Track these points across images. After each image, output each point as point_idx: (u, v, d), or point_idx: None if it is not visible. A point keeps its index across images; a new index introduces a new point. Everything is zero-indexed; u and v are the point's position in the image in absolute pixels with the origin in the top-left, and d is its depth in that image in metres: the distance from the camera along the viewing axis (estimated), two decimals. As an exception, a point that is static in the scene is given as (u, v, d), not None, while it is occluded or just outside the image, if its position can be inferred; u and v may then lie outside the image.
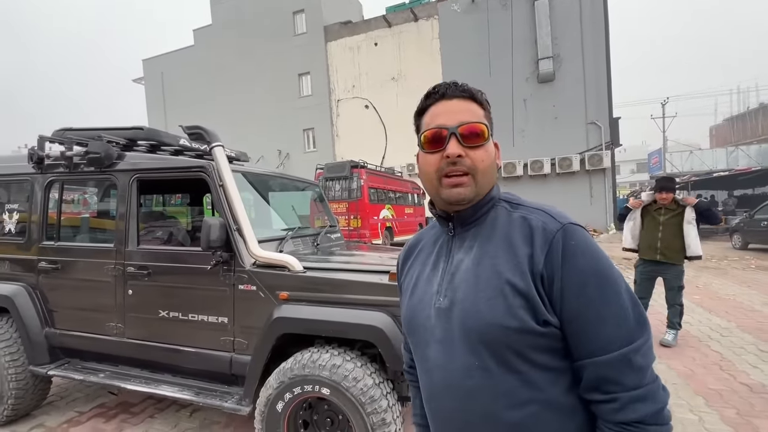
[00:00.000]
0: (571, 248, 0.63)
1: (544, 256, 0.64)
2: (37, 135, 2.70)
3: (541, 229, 0.66)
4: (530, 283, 0.63)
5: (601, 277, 0.63)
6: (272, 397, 1.93)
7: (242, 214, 2.19)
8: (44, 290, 2.67)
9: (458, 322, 0.67)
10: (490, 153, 0.73)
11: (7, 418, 2.61)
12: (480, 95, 0.75)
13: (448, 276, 0.72)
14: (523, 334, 0.63)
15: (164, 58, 23.50)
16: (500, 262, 0.67)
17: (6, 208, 2.86)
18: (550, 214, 0.69)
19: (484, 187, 0.72)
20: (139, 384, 2.36)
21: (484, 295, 0.66)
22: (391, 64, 18.19)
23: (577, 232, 0.65)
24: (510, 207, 0.74)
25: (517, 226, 0.69)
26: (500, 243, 0.69)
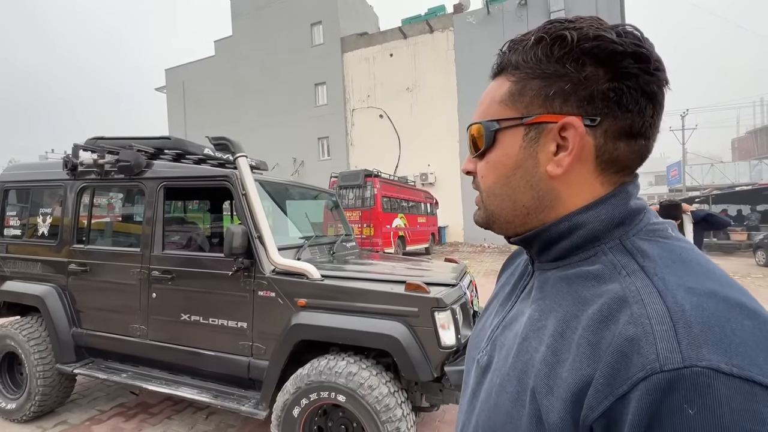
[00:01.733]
0: (679, 421, 0.29)
1: (608, 402, 0.33)
2: (56, 143, 2.87)
3: (630, 345, 0.33)
4: (568, 425, 0.36)
5: None
6: (289, 403, 1.97)
7: (263, 222, 2.26)
8: (73, 291, 2.79)
9: (482, 397, 0.48)
10: (494, 164, 0.47)
11: (33, 414, 2.71)
12: (514, 53, 0.46)
13: (501, 326, 0.51)
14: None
15: (186, 67, 24.29)
16: (545, 358, 0.40)
17: (40, 212, 3.01)
18: (675, 321, 0.33)
19: (498, 213, 0.49)
20: (159, 385, 2.43)
21: (509, 391, 0.43)
22: (405, 75, 18.38)
23: (723, 396, 0.29)
24: (624, 265, 0.40)
25: (600, 312, 0.37)
26: (563, 326, 0.40)
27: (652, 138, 0.43)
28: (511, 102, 0.46)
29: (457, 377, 1.86)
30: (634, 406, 0.31)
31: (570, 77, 0.42)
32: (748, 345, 0.30)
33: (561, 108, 0.43)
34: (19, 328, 2.75)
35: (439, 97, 17.54)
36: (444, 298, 1.95)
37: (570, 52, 0.41)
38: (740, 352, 0.30)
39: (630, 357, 0.32)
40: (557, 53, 0.42)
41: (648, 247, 0.41)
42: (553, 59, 0.42)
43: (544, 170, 0.44)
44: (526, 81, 0.45)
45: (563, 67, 0.42)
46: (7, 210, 3.17)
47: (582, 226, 0.44)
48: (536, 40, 0.44)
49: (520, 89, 0.45)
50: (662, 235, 0.42)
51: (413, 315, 1.93)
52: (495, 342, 0.51)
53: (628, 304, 0.36)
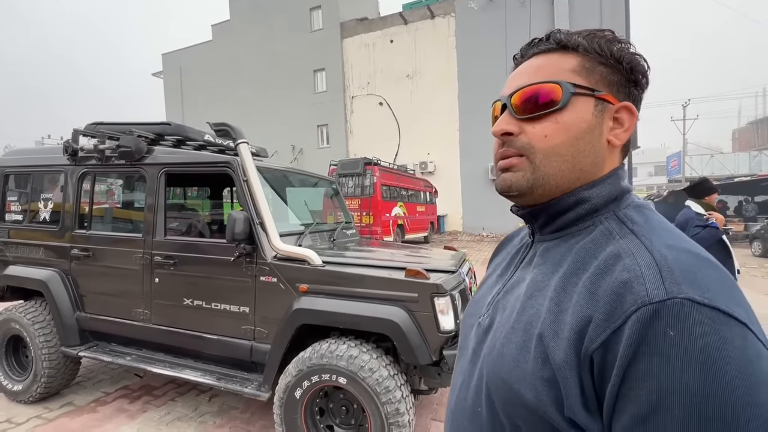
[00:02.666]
0: (663, 342, 0.36)
1: (606, 334, 0.39)
2: (52, 127, 2.86)
3: (624, 287, 0.40)
4: (572, 360, 0.41)
5: (704, 416, 0.34)
6: (291, 385, 2.02)
7: (265, 208, 2.28)
8: (76, 276, 2.82)
9: (484, 352, 0.53)
10: (568, 125, 0.50)
11: (39, 395, 2.77)
12: (585, 38, 0.51)
13: (503, 292, 0.57)
14: (534, 415, 0.44)
15: (183, 52, 23.91)
16: (549, 308, 0.46)
17: (41, 197, 3.02)
18: (660, 266, 0.40)
19: (551, 175, 0.51)
20: (163, 368, 2.48)
21: (515, 341, 0.48)
22: (406, 62, 18.16)
23: (695, 318, 0.36)
24: (617, 231, 0.48)
25: (599, 267, 0.44)
26: (566, 282, 0.47)
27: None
28: (584, 74, 0.51)
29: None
30: (626, 335, 0.38)
31: (622, 73, 0.51)
32: (713, 286, 0.39)
33: (618, 95, 0.52)
34: (23, 312, 2.78)
35: (440, 84, 17.37)
36: (443, 284, 1.98)
37: (622, 56, 0.51)
38: (709, 289, 0.38)
39: (624, 296, 0.40)
40: (616, 52, 0.51)
41: (636, 216, 0.49)
42: (612, 55, 0.51)
43: (605, 140, 0.52)
44: (595, 64, 0.51)
45: (619, 63, 0.51)
46: (7, 195, 3.18)
47: (587, 201, 0.51)
48: (590, 35, 0.52)
49: (591, 67, 0.51)
50: (647, 208, 0.51)
51: (413, 300, 1.97)
52: (497, 306, 0.56)
53: (622, 257, 0.43)
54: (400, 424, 1.86)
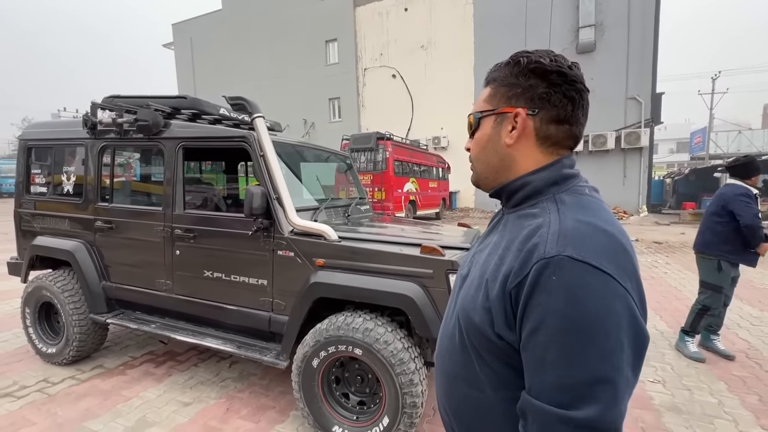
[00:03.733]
0: (548, 284, 0.55)
1: (519, 278, 0.58)
2: (66, 99, 2.88)
3: (533, 248, 0.59)
4: (500, 295, 0.61)
5: (566, 326, 0.53)
6: (308, 354, 2.10)
7: (282, 183, 2.29)
8: (100, 247, 2.92)
9: (462, 291, 0.73)
10: (477, 141, 0.74)
11: (72, 358, 2.94)
12: (495, 72, 0.73)
13: (478, 250, 0.76)
14: (479, 333, 0.64)
15: (193, 22, 23.47)
16: (495, 262, 0.65)
17: (64, 170, 3.09)
18: (560, 235, 0.58)
19: (480, 172, 0.75)
20: (186, 335, 2.59)
21: (474, 284, 0.68)
22: (421, 31, 17.51)
23: (569, 269, 0.54)
24: (550, 209, 0.64)
25: (528, 234, 0.62)
26: (508, 243, 0.65)
27: (575, 125, 0.69)
28: (489, 101, 0.73)
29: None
30: (528, 279, 0.57)
31: (521, 85, 0.68)
32: (594, 248, 0.56)
33: (515, 103, 0.69)
34: (53, 281, 2.92)
35: (455, 55, 16.78)
36: (458, 261, 1.99)
37: (522, 70, 0.68)
38: (588, 250, 0.56)
39: (532, 253, 0.59)
40: (515, 71, 0.69)
41: (567, 198, 0.66)
42: (512, 75, 0.69)
43: (503, 142, 0.71)
44: (498, 88, 0.72)
45: (517, 79, 0.69)
46: (31, 168, 3.26)
47: (529, 184, 0.69)
48: (505, 64, 0.71)
49: (494, 93, 0.72)
50: (580, 192, 0.67)
51: (428, 276, 1.99)
52: (473, 260, 0.77)
53: (541, 227, 0.61)
54: (414, 394, 1.93)
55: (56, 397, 2.61)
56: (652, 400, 2.57)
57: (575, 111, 0.67)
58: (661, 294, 4.96)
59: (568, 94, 0.66)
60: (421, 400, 1.97)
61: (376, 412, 2.07)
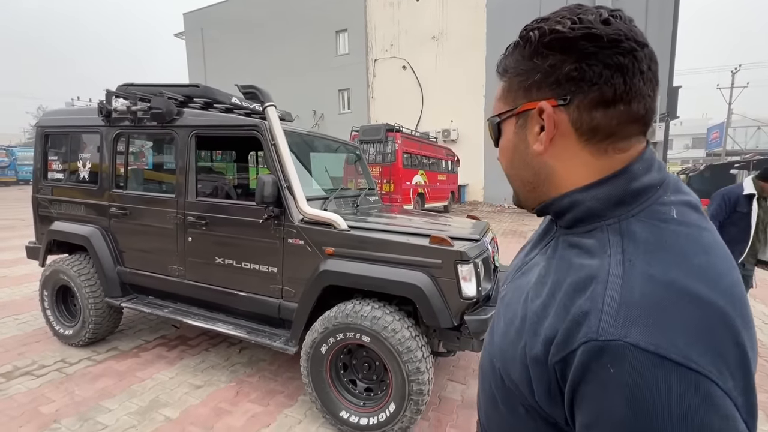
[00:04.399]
0: (604, 374, 0.39)
1: (562, 354, 0.43)
2: (78, 89, 2.92)
3: (581, 317, 0.42)
4: (541, 360, 0.46)
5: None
6: (317, 341, 2.13)
7: (293, 172, 2.31)
8: (115, 233, 2.99)
9: (503, 320, 0.58)
10: (503, 150, 0.57)
11: (88, 340, 3.04)
12: (505, 60, 0.55)
13: (522, 270, 0.60)
14: (516, 390, 0.51)
15: (204, 12, 23.47)
16: (538, 308, 0.49)
17: (80, 157, 3.15)
18: (621, 304, 0.40)
19: (520, 189, 0.58)
20: (198, 320, 2.65)
21: (517, 324, 0.52)
22: (432, 22, 17.27)
23: (633, 364, 0.37)
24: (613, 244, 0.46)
25: (577, 283, 0.45)
26: (555, 287, 0.48)
27: (636, 101, 0.47)
28: (504, 98, 0.55)
29: (477, 326, 1.96)
30: (577, 360, 0.41)
31: (538, 69, 0.49)
32: (675, 329, 0.38)
33: (537, 95, 0.50)
34: (70, 265, 3.00)
35: (467, 47, 16.53)
36: (467, 252, 2.00)
37: (535, 49, 0.49)
38: (663, 334, 0.37)
39: (581, 325, 0.42)
40: (527, 52, 0.51)
41: (640, 229, 0.45)
42: (526, 57, 0.51)
43: (532, 149, 0.52)
44: (511, 79, 0.53)
45: (532, 62, 0.50)
46: (48, 154, 3.33)
47: (580, 204, 0.50)
48: (513, 46, 0.53)
49: (509, 86, 0.54)
50: (661, 218, 0.46)
51: (436, 267, 2.00)
52: (514, 281, 0.61)
53: (596, 282, 0.43)
54: (420, 382, 1.96)
55: (73, 376, 2.70)
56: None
57: (630, 81, 0.45)
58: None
59: (611, 62, 0.45)
60: (428, 388, 2.00)
61: (383, 398, 2.10)
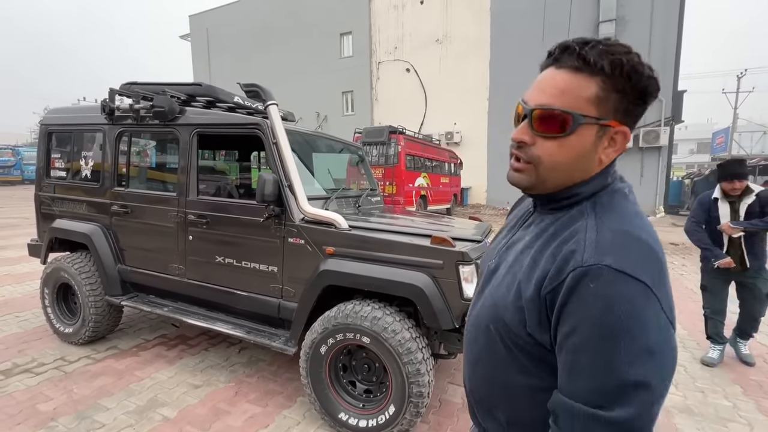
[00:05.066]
0: (584, 291, 0.55)
1: (554, 283, 0.58)
2: (85, 90, 2.93)
3: (570, 255, 0.59)
4: (535, 298, 0.61)
5: (602, 332, 0.53)
6: (317, 341, 2.11)
7: (294, 171, 2.30)
8: (116, 231, 2.98)
9: (491, 287, 0.73)
10: (569, 148, 0.62)
11: (88, 338, 3.03)
12: (611, 62, 0.58)
13: (507, 245, 0.75)
14: (510, 331, 0.65)
15: (210, 14, 23.63)
16: (530, 263, 0.65)
17: (82, 155, 3.15)
18: (597, 243, 0.58)
19: (549, 181, 0.66)
20: (197, 319, 2.63)
21: (507, 282, 0.68)
22: (436, 25, 17.29)
23: (606, 279, 0.54)
24: (588, 212, 0.64)
25: (565, 237, 0.62)
26: (544, 245, 0.65)
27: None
28: (596, 104, 0.61)
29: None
30: (565, 286, 0.57)
31: (630, 100, 0.61)
32: (630, 258, 0.56)
33: (622, 119, 0.62)
34: (71, 262, 3.00)
35: (471, 50, 16.53)
36: (469, 253, 1.97)
37: (638, 82, 0.60)
38: (624, 260, 0.55)
39: (569, 260, 0.58)
40: (633, 80, 0.59)
41: (606, 200, 0.65)
42: (627, 79, 0.59)
43: (597, 158, 0.64)
44: (610, 92, 0.60)
45: (630, 91, 0.60)
46: (51, 152, 3.34)
47: (580, 194, 0.66)
48: (634, 64, 0.59)
49: (605, 96, 0.60)
50: (619, 195, 0.66)
51: (438, 267, 1.98)
52: (501, 255, 0.75)
53: (578, 232, 0.61)
54: (420, 384, 1.93)
55: (72, 374, 2.69)
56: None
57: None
58: (676, 296, 4.77)
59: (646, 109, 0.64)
60: (428, 390, 1.97)
61: (383, 400, 2.08)
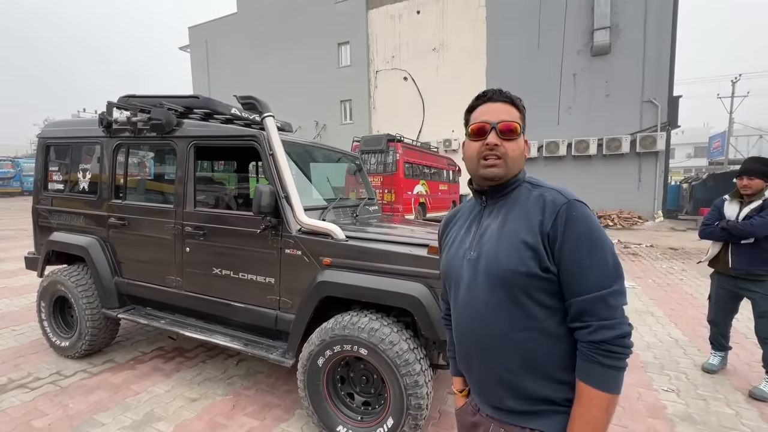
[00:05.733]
0: (572, 217, 0.85)
1: (551, 221, 0.86)
2: (85, 101, 2.96)
3: (552, 201, 0.88)
4: (539, 240, 0.86)
5: (592, 239, 0.85)
6: (314, 353, 2.10)
7: (290, 182, 2.30)
8: (113, 243, 2.98)
9: (483, 269, 0.92)
10: (520, 145, 0.96)
11: (84, 351, 3.00)
12: (518, 101, 0.98)
13: (477, 236, 0.97)
14: (530, 277, 0.86)
15: (209, 25, 23.88)
16: (518, 226, 0.90)
17: (80, 168, 3.16)
18: (560, 192, 0.90)
19: (512, 169, 0.95)
20: (195, 332, 2.62)
21: (504, 248, 0.89)
22: (432, 34, 17.49)
23: (578, 206, 0.87)
24: (531, 187, 0.96)
25: (534, 201, 0.91)
26: (520, 212, 0.92)
27: None
28: (520, 120, 0.97)
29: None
30: (559, 218, 0.86)
31: (523, 120, 0.99)
32: (576, 195, 0.91)
33: (524, 132, 0.98)
34: (68, 275, 2.98)
35: (467, 58, 16.70)
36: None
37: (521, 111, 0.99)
38: (575, 195, 0.90)
39: (554, 204, 0.88)
40: (521, 109, 0.98)
41: (532, 180, 0.98)
42: (521, 110, 0.98)
43: (525, 152, 0.99)
44: (521, 117, 0.97)
45: (524, 116, 0.99)
46: (49, 165, 3.35)
47: (519, 180, 0.98)
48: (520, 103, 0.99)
49: (521, 116, 0.98)
50: (533, 178, 0.99)
51: (435, 277, 1.97)
52: (479, 243, 0.95)
53: (542, 193, 0.92)
54: (419, 396, 1.91)
55: (68, 389, 2.66)
56: (666, 410, 2.50)
57: None
58: (676, 301, 4.83)
59: None
60: (426, 402, 1.95)
61: (381, 412, 2.06)
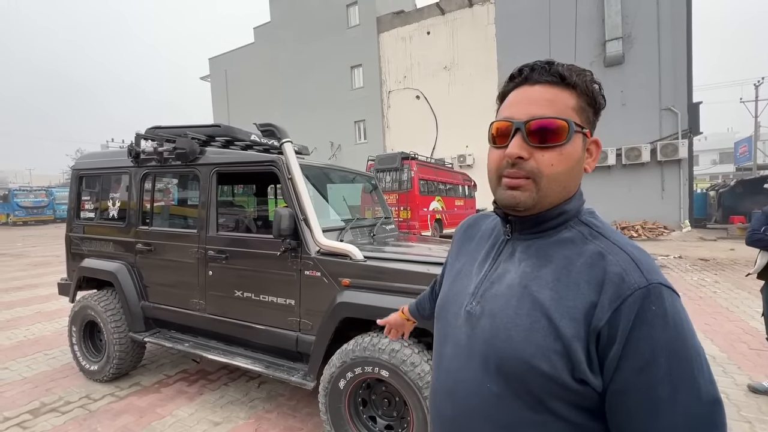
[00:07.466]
0: (649, 315, 0.51)
1: (610, 313, 0.53)
2: (115, 131, 3.11)
3: (619, 278, 0.54)
4: (581, 335, 0.54)
5: (678, 359, 0.50)
6: (335, 375, 2.09)
7: (309, 205, 2.35)
8: (140, 268, 3.08)
9: (483, 336, 0.62)
10: (568, 156, 0.60)
11: (112, 375, 3.07)
12: (578, 77, 0.61)
13: (488, 282, 0.66)
14: (550, 381, 0.55)
15: (228, 56, 25.06)
16: (551, 296, 0.58)
17: (110, 196, 3.32)
18: (636, 262, 0.56)
19: (550, 195, 0.61)
20: (217, 354, 2.65)
21: (521, 324, 0.59)
22: (443, 53, 17.82)
23: (665, 296, 0.53)
24: (587, 233, 0.62)
25: (587, 262, 0.58)
26: (559, 274, 0.59)
27: None
28: (579, 113, 0.62)
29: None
30: (625, 312, 0.53)
31: (593, 113, 0.64)
32: (659, 271, 0.56)
33: (591, 130, 0.64)
34: (97, 300, 3.09)
35: (478, 75, 16.89)
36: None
37: (596, 97, 0.63)
38: (662, 275, 0.56)
39: (620, 285, 0.54)
40: (594, 94, 0.63)
41: (595, 221, 0.65)
42: (594, 97, 0.63)
43: (583, 168, 0.64)
44: (585, 105, 0.62)
45: (593, 105, 0.63)
46: (82, 195, 3.53)
47: (566, 213, 0.64)
48: (592, 80, 0.63)
49: (584, 108, 0.62)
50: (595, 216, 0.66)
51: (454, 296, 1.96)
52: (485, 295, 0.66)
53: (605, 255, 0.58)
54: (442, 419, 1.87)
55: (96, 413, 2.72)
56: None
57: None
58: (711, 315, 4.59)
59: None
60: (451, 426, 1.90)
61: (404, 436, 2.01)
